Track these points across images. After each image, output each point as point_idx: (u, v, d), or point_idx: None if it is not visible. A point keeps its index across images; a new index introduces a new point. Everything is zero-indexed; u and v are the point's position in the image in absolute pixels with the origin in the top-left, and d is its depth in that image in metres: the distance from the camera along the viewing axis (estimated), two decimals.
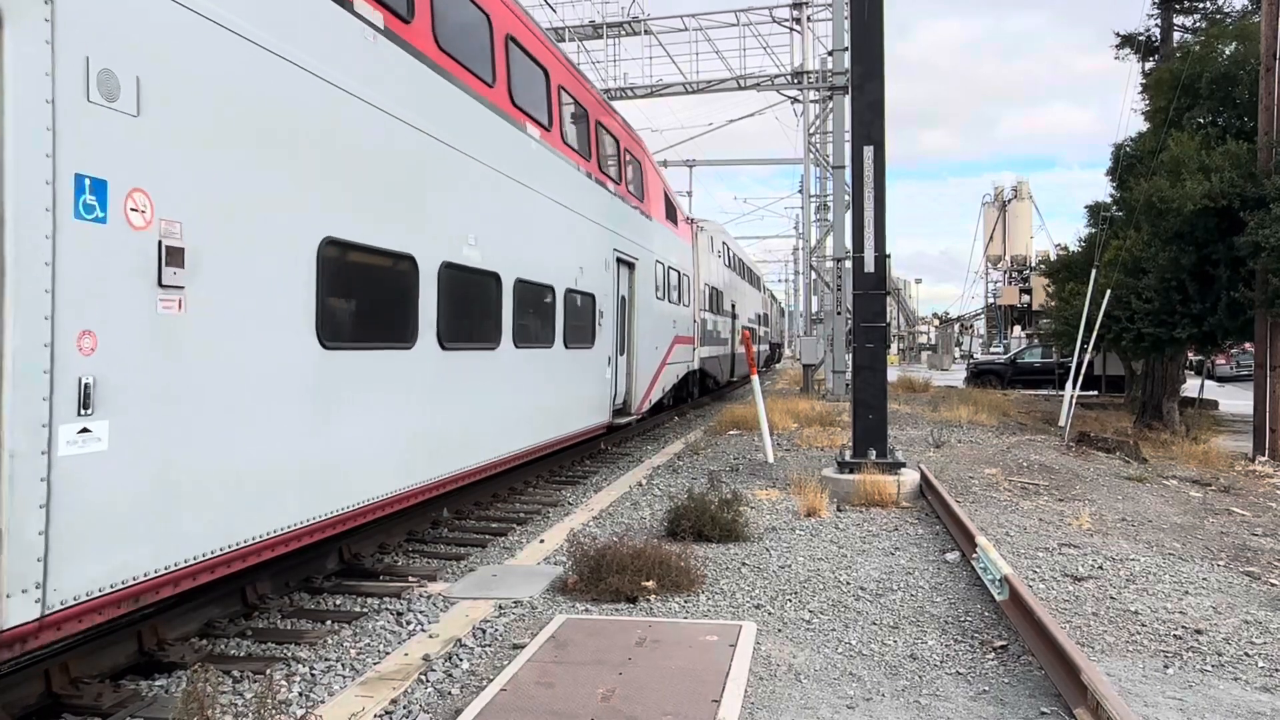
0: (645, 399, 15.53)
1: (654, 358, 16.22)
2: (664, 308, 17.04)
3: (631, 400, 14.57)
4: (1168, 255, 16.00)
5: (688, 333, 20.12)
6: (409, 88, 7.02)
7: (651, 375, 15.97)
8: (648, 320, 15.39)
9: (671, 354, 17.91)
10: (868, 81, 10.80)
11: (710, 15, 26.08)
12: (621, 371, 14.07)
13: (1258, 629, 5.69)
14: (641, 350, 14.93)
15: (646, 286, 15.40)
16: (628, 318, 14.33)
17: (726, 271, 27.39)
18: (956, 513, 8.16)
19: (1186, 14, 22.88)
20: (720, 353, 25.80)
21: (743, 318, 31.44)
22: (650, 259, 15.70)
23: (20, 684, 4.55)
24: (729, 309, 27.59)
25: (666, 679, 4.70)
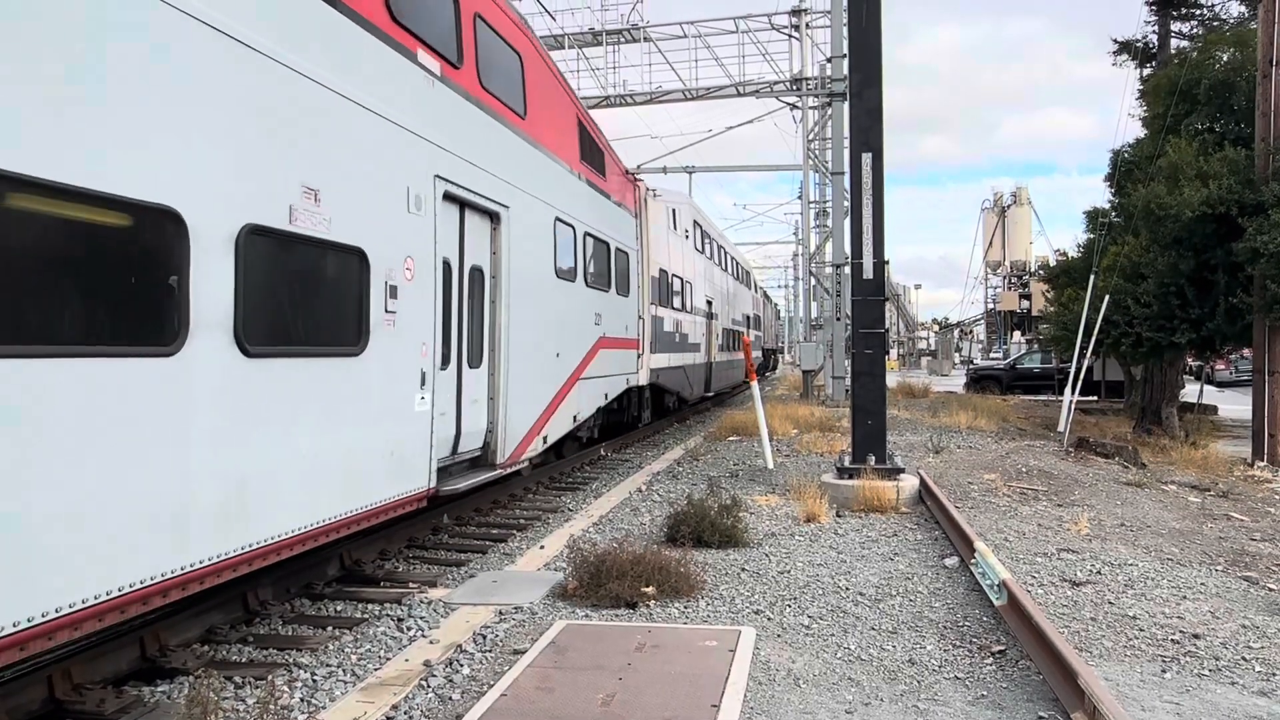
0: (532, 436, 9.90)
1: (552, 370, 10.62)
2: (577, 294, 11.57)
3: (498, 441, 8.94)
4: (1166, 261, 16.03)
5: (627, 333, 14.58)
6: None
7: (547, 398, 10.42)
8: (537, 310, 9.90)
9: (593, 363, 12.37)
10: (866, 88, 10.85)
11: (709, 22, 26.17)
12: (473, 395, 8.52)
13: (1255, 634, 5.71)
14: (522, 358, 9.39)
15: (534, 256, 9.83)
16: (489, 303, 8.81)
17: (700, 259, 22.26)
18: (955, 518, 8.19)
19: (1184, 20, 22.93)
20: (688, 361, 20.37)
21: (725, 318, 26.77)
22: (542, 213, 10.07)
23: (22, 689, 4.58)
24: (703, 306, 22.56)
25: (666, 684, 4.73)
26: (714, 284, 24.61)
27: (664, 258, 17.92)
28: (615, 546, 6.84)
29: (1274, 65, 14.00)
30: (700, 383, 22.42)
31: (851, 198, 10.97)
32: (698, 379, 21.99)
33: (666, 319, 18.10)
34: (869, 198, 10.61)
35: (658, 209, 17.73)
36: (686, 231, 20.37)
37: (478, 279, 8.59)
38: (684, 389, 20.38)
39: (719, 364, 25.24)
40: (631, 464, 14.29)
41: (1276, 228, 13.53)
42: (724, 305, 26.73)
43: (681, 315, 19.68)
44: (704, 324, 22.63)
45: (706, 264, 23.33)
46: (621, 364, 14.28)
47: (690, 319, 20.65)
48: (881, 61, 10.88)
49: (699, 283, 21.91)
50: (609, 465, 14.23)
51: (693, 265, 21.15)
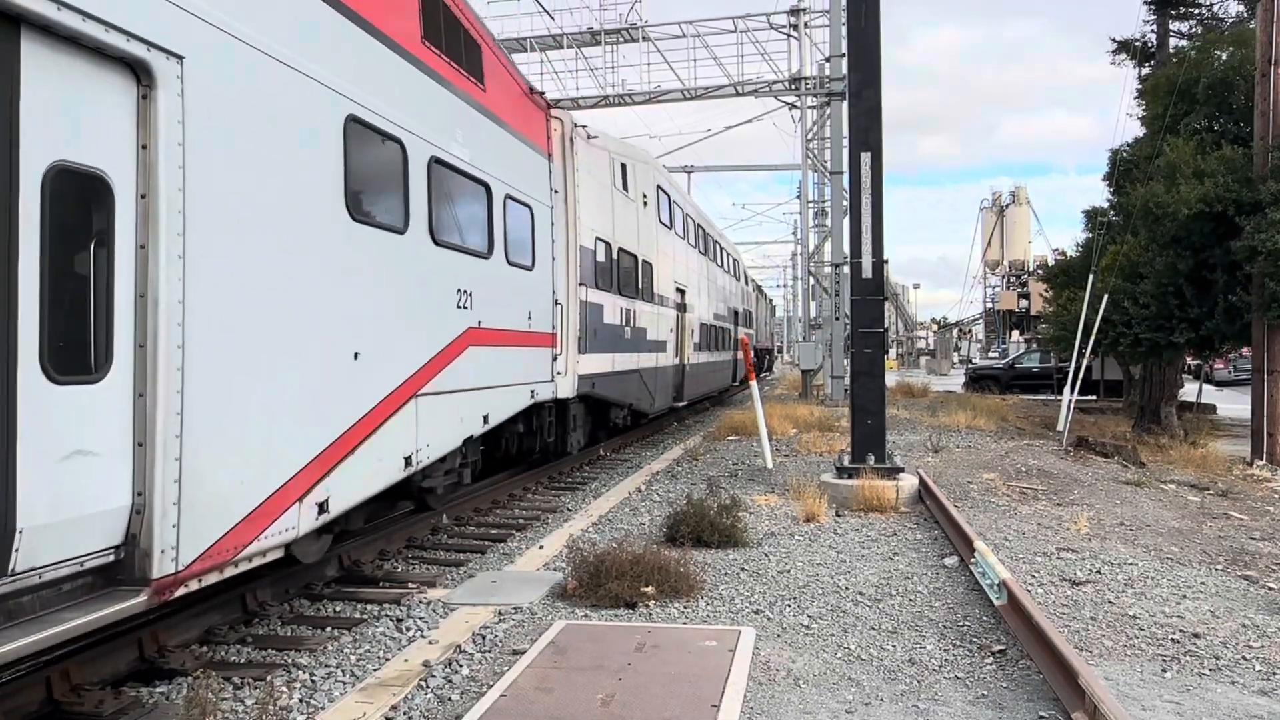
0: (278, 507, 5.53)
1: (339, 383, 6.31)
2: (409, 254, 7.39)
3: (162, 528, 4.54)
4: (1165, 260, 16.03)
5: (530, 324, 10.22)
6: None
7: (323, 434, 6.08)
8: (293, 272, 5.78)
9: (450, 368, 8.08)
10: (865, 88, 10.85)
11: (708, 22, 26.16)
12: (73, 439, 4.20)
13: (1255, 633, 5.71)
14: (244, 360, 5.26)
15: (282, 172, 5.68)
16: (128, 251, 4.54)
17: (669, 238, 17.75)
18: (955, 518, 8.18)
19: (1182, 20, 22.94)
20: (647, 364, 15.68)
21: (704, 311, 22.33)
22: (303, 95, 5.93)
23: (21, 690, 4.57)
24: (671, 296, 18.02)
25: (666, 684, 4.72)
26: (689, 270, 20.25)
27: (605, 225, 13.29)
28: (615, 546, 6.83)
29: (1272, 64, 14.00)
30: (667, 390, 17.63)
31: (850, 197, 10.96)
32: (662, 386, 17.13)
33: (609, 308, 13.37)
34: (868, 197, 10.61)
35: (595, 159, 12.92)
36: (646, 197, 15.83)
37: (86, 198, 4.32)
38: (640, 400, 15.43)
39: (695, 367, 20.79)
40: (631, 464, 14.29)
41: (1274, 226, 13.53)
42: (702, 296, 22.17)
43: (637, 305, 14.96)
44: (673, 318, 18.12)
45: (678, 244, 18.92)
46: (520, 369, 9.67)
47: (651, 310, 16.05)
48: (880, 61, 10.88)
49: (666, 266, 17.27)
50: (608, 465, 14.22)
51: (656, 243, 16.51)
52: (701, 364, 21.97)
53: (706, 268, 23.38)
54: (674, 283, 18.35)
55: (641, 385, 15.53)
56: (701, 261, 22.52)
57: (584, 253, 12.26)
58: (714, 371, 24.16)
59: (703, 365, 22.16)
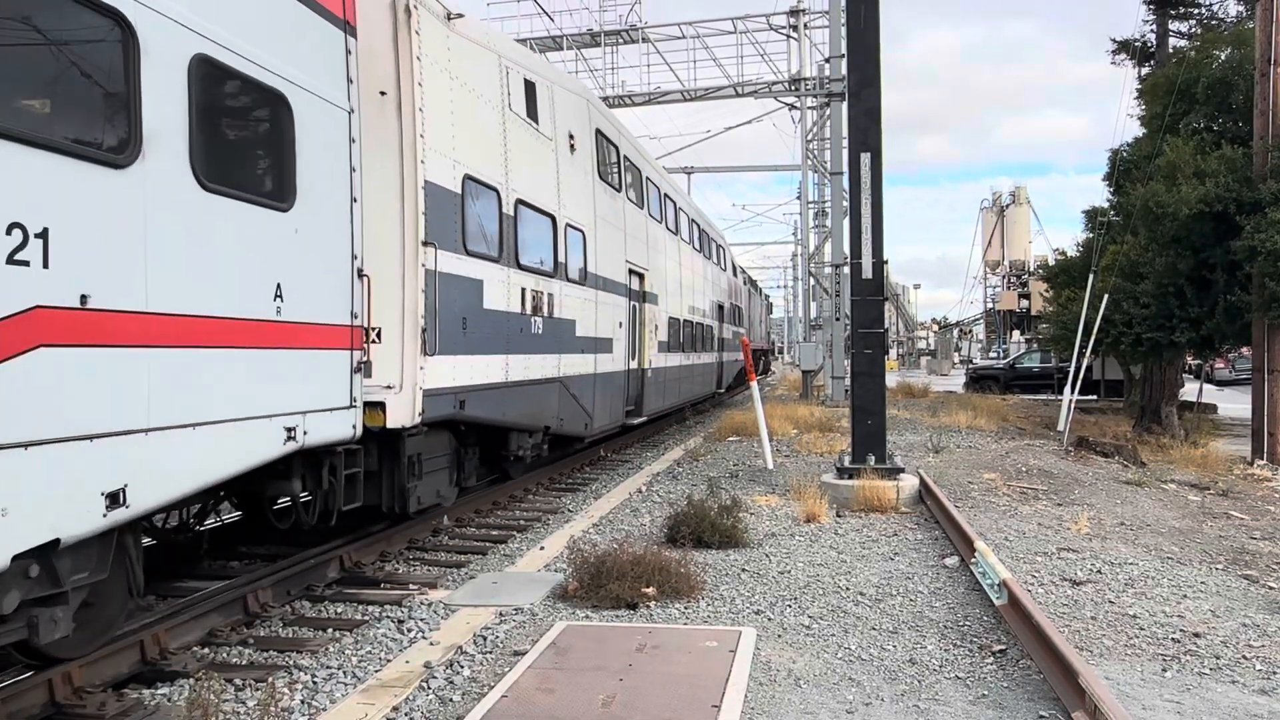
0: None
1: None
2: None
3: None
4: (1165, 260, 16.04)
5: (253, 308, 5.58)
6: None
7: None
8: None
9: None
10: (864, 89, 10.86)
11: (708, 23, 26.21)
12: None
13: (1256, 632, 5.71)
14: None
15: None
16: None
17: (609, 197, 13.26)
18: (955, 518, 8.19)
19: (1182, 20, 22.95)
20: (576, 370, 11.71)
21: (675, 304, 18.16)
22: None
23: (24, 693, 4.58)
24: (619, 280, 13.80)
25: (667, 685, 4.73)
26: (653, 250, 15.99)
27: (486, 160, 9.04)
28: (615, 547, 6.84)
29: (1272, 64, 14.01)
30: (614, 403, 13.49)
31: (850, 198, 10.97)
32: (607, 398, 13.04)
33: (493, 286, 9.09)
34: (868, 198, 10.62)
35: (468, 59, 8.82)
36: (575, 141, 11.52)
37: None
38: (566, 419, 11.22)
39: (662, 372, 16.60)
40: (631, 465, 14.29)
41: (1274, 226, 13.54)
42: (673, 285, 18.07)
43: (555, 286, 10.77)
44: (624, 309, 13.94)
45: (634, 215, 14.75)
46: (247, 389, 5.55)
47: (582, 297, 11.83)
48: (880, 62, 10.89)
49: (612, 240, 13.17)
50: (609, 466, 14.23)
51: (592, 205, 12.26)
52: (672, 368, 17.96)
53: (680, 251, 19.22)
54: (626, 263, 14.07)
55: (565, 399, 11.16)
56: (672, 243, 18.29)
57: (436, 195, 7.82)
58: (690, 377, 20.17)
59: (674, 370, 18.12)
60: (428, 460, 7.97)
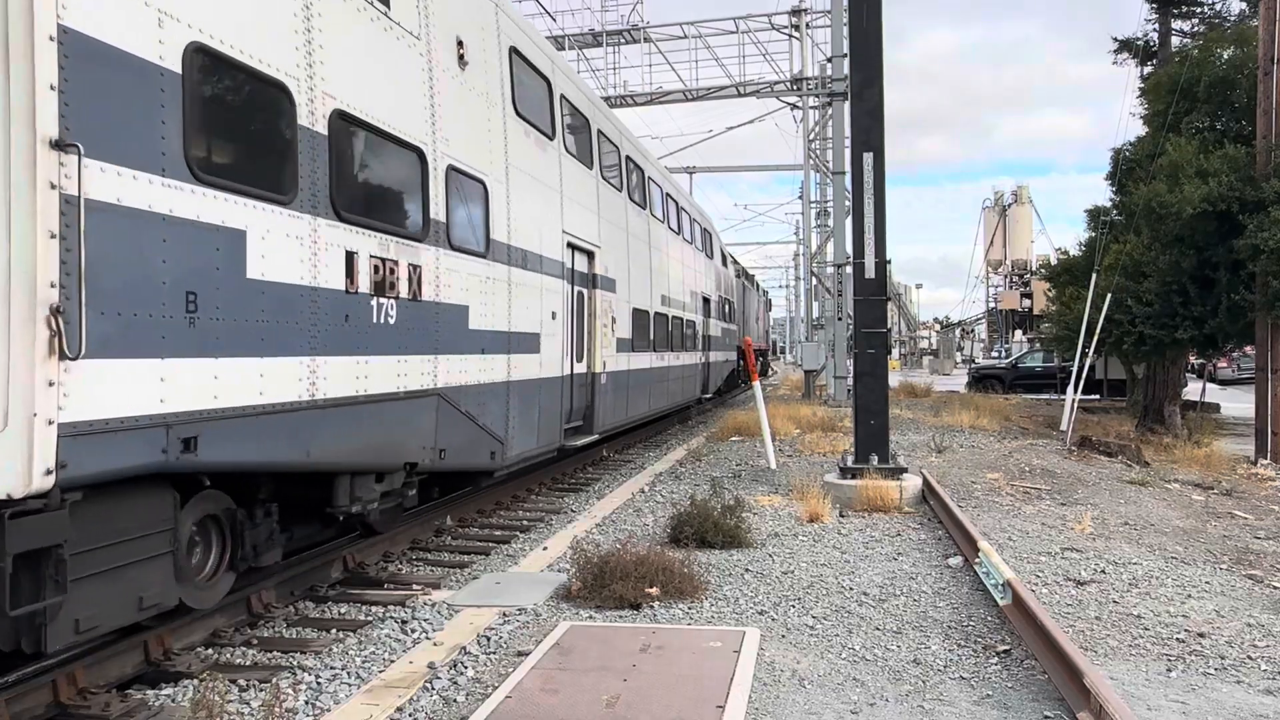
0: None
1: None
2: None
3: None
4: (1168, 259, 16.03)
5: None
6: None
7: None
8: None
9: None
10: (866, 88, 10.85)
11: (709, 23, 26.24)
12: None
13: (1260, 632, 5.70)
14: None
15: None
16: None
17: (532, 142, 10.07)
18: (959, 518, 8.18)
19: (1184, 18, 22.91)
20: (471, 378, 8.30)
21: (639, 291, 14.75)
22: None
23: (28, 694, 4.58)
24: (552, 255, 10.62)
25: (671, 685, 4.72)
26: (607, 223, 12.79)
27: (227, 18, 5.30)
28: (619, 547, 6.84)
29: (1275, 63, 13.98)
30: (547, 419, 10.30)
31: (853, 197, 10.96)
32: (533, 413, 9.86)
33: (274, 242, 5.69)
34: (870, 197, 10.61)
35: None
36: (464, 51, 8.41)
37: None
38: (456, 448, 8.06)
39: (619, 377, 13.33)
40: (634, 465, 14.29)
41: (1277, 224, 13.53)
42: (639, 269, 14.76)
43: (427, 255, 7.53)
44: (560, 294, 10.79)
45: (576, 173, 11.49)
46: None
47: (477, 272, 8.46)
48: (882, 61, 10.89)
49: (535, 199, 9.99)
50: (612, 466, 14.23)
51: (502, 148, 9.15)
52: (640, 372, 14.75)
53: (651, 230, 15.82)
54: (564, 235, 10.89)
55: (451, 420, 7.81)
56: (639, 219, 14.94)
57: (94, 57, 4.41)
58: (663, 381, 16.81)
59: (641, 374, 14.87)
60: (101, 551, 4.63)
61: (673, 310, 17.68)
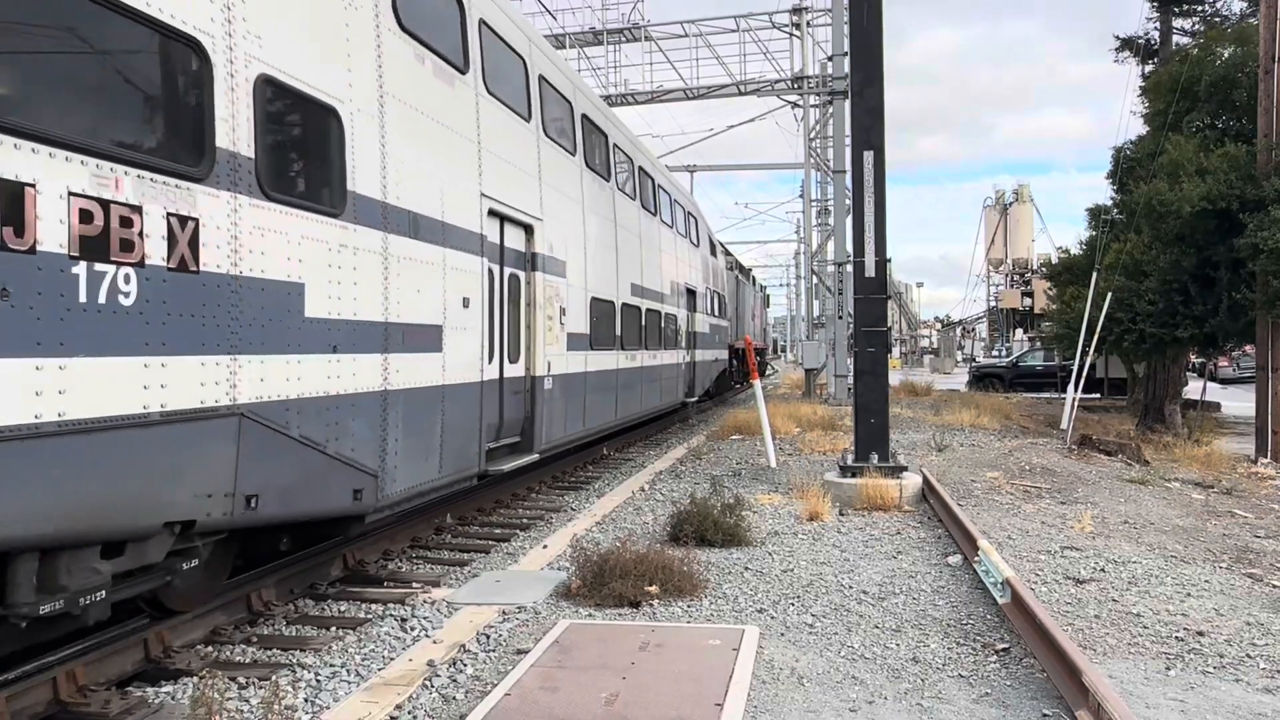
0: None
1: None
2: None
3: None
4: (1168, 258, 16.03)
5: None
6: None
7: None
8: None
9: None
10: (867, 87, 10.85)
11: (710, 21, 26.21)
12: None
13: (1260, 631, 5.70)
14: None
15: None
16: None
17: (398, 50, 6.91)
18: (958, 516, 8.18)
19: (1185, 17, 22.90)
20: (292, 389, 5.60)
21: (599, 278, 12.49)
22: None
23: (28, 691, 4.59)
24: (459, 224, 7.94)
25: (670, 683, 4.73)
26: (551, 189, 10.55)
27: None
28: (618, 546, 6.84)
29: (1275, 61, 13.97)
30: (451, 440, 7.79)
31: (853, 196, 10.96)
32: (431, 432, 7.49)
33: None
34: (870, 196, 10.61)
35: None
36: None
37: None
38: (281, 492, 5.54)
39: (569, 382, 11.05)
40: (634, 463, 14.30)
41: (1277, 223, 13.52)
42: (596, 250, 12.31)
43: (207, 202, 4.91)
44: (478, 277, 8.46)
45: (495, 121, 8.98)
46: None
47: (324, 236, 5.99)
48: (882, 60, 10.88)
49: (435, 148, 7.67)
50: (612, 464, 14.24)
51: (367, 66, 6.56)
52: (599, 374, 12.30)
53: (616, 206, 13.39)
54: (483, 199, 8.54)
55: (267, 452, 5.45)
56: (600, 192, 12.56)
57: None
58: (634, 385, 14.50)
59: (601, 377, 12.44)
60: None
61: (647, 302, 15.43)
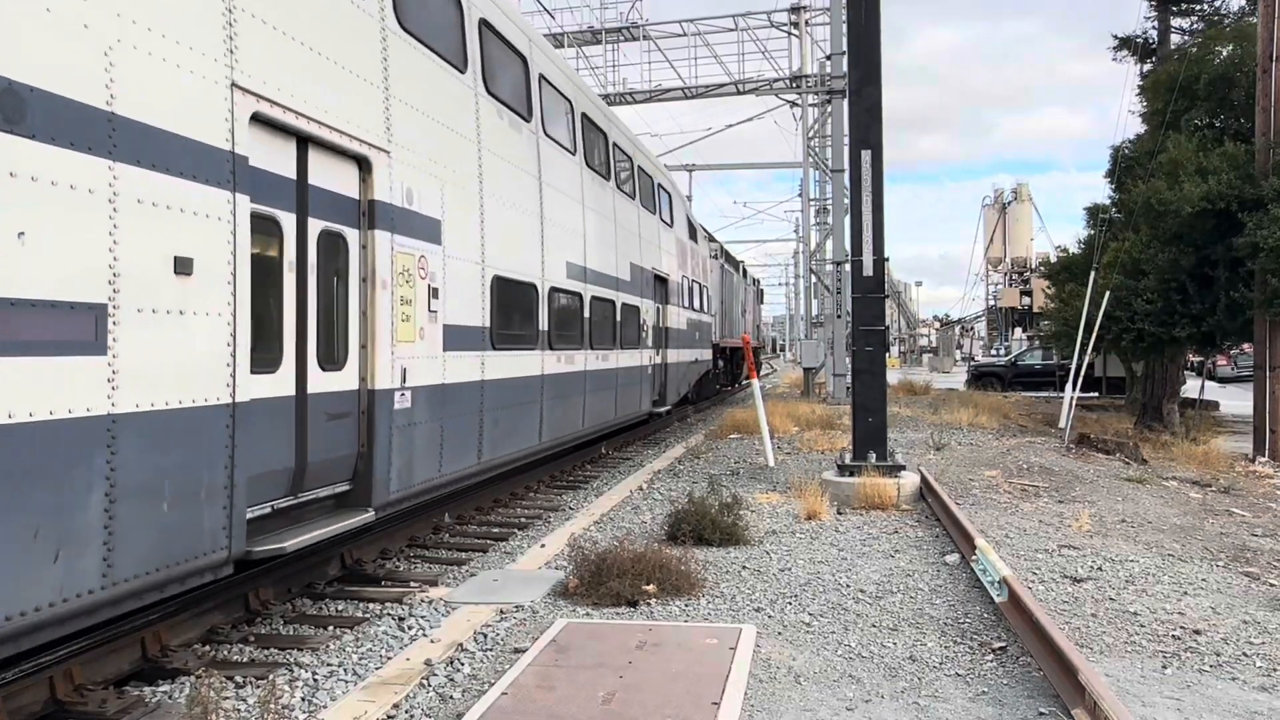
0: None
1: None
2: None
3: None
4: (1167, 256, 16.03)
5: None
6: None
7: None
8: None
9: None
10: (865, 86, 10.85)
11: (708, 20, 26.21)
12: None
13: (1256, 629, 5.71)
14: None
15: None
16: None
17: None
18: (956, 515, 8.19)
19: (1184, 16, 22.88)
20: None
21: (508, 241, 9.19)
22: None
23: (25, 690, 4.58)
24: (37, 84, 3.84)
25: (667, 682, 4.73)
26: (419, 113, 7.35)
27: None
28: (616, 545, 6.85)
29: (1274, 60, 13.98)
30: (158, 510, 4.48)
31: (851, 195, 10.96)
32: (129, 494, 4.28)
33: None
34: (869, 195, 10.61)
35: None
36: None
37: None
38: None
39: (454, 394, 7.88)
40: (633, 462, 14.30)
41: (1276, 222, 13.53)
42: (497, 207, 8.97)
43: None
44: (244, 226, 5.10)
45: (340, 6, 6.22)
46: None
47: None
48: (880, 59, 10.88)
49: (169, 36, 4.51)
50: (610, 463, 14.24)
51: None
52: (507, 383, 9.23)
53: (541, 156, 10.32)
54: (233, 89, 5.12)
55: None
56: (509, 134, 9.47)
57: None
58: (571, 395, 11.31)
59: (513, 387, 9.42)
60: None
61: (594, 288, 12.00)
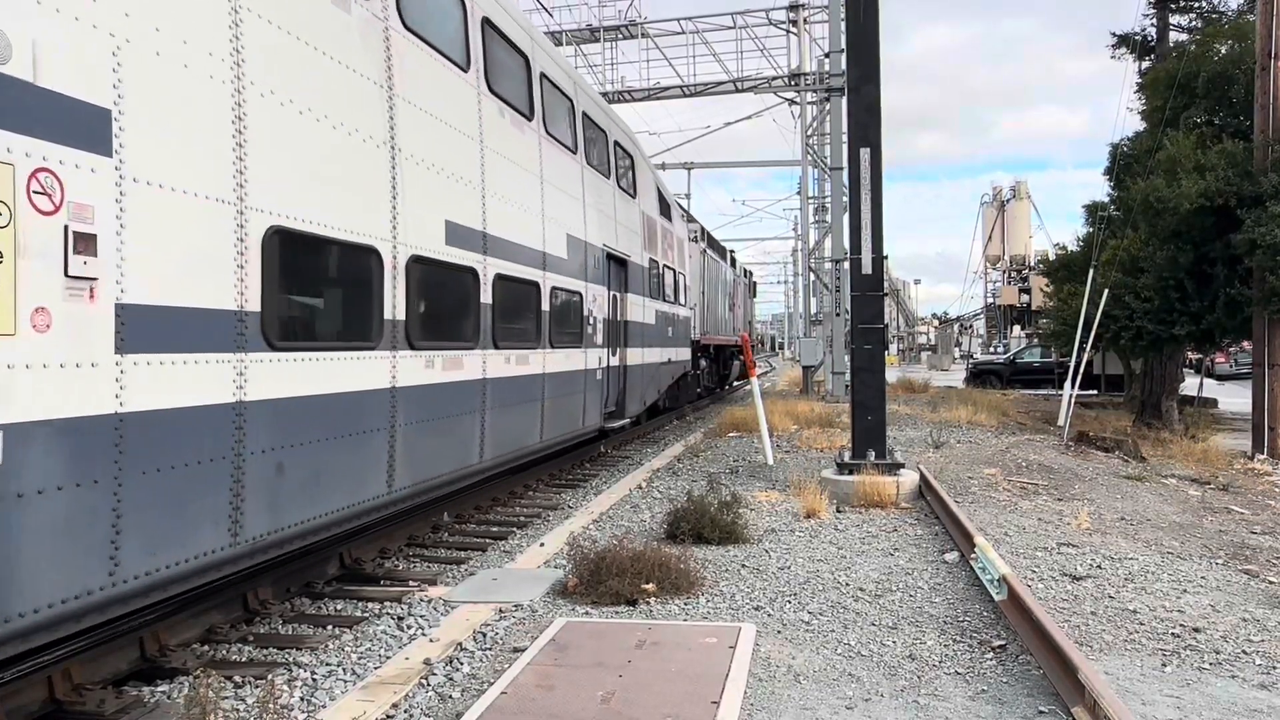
0: None
1: None
2: None
3: None
4: (1165, 254, 16.03)
5: None
6: None
7: None
8: None
9: None
10: (864, 84, 10.84)
11: (707, 18, 26.20)
12: None
13: (1255, 627, 5.71)
14: None
15: None
16: None
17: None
18: (955, 513, 8.19)
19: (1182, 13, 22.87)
20: None
21: (312, 184, 5.67)
22: None
23: (23, 690, 4.58)
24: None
25: (666, 681, 4.73)
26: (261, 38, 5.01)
27: None
28: (615, 544, 6.84)
29: (1272, 58, 13.98)
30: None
31: (850, 193, 10.95)
32: None
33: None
34: (867, 193, 10.60)
35: None
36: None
37: None
38: None
39: (150, 432, 4.37)
40: (632, 460, 14.29)
41: (1274, 220, 13.53)
42: (292, 121, 5.47)
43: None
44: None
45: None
46: None
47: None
48: (879, 57, 10.86)
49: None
50: (609, 462, 14.23)
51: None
52: (273, 409, 5.32)
53: (390, 61, 6.65)
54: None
55: None
56: (320, 11, 5.85)
57: None
58: (456, 412, 7.90)
59: (308, 411, 5.68)
60: None
61: (495, 261, 8.72)
